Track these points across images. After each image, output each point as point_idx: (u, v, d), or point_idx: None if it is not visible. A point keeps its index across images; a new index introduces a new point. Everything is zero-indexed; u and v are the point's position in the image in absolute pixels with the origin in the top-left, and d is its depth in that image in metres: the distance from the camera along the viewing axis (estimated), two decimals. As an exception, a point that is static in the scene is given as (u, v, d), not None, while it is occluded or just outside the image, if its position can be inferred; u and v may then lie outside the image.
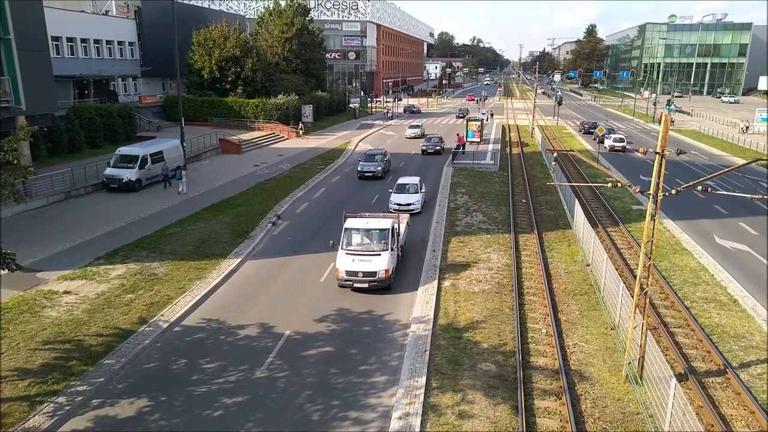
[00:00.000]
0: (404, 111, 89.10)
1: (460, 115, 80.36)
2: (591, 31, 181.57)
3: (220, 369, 14.71)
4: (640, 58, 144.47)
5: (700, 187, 13.50)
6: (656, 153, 12.68)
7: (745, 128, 66.05)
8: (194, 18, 62.15)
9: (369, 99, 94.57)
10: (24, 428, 11.97)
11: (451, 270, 21.53)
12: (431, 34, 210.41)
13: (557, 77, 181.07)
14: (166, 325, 16.75)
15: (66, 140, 40.25)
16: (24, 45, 30.74)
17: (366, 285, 19.14)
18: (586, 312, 18.09)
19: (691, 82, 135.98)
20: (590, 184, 31.97)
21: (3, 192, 14.28)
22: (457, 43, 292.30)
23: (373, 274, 19.01)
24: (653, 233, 13.46)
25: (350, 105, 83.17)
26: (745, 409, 13.12)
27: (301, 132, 58.18)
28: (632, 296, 14.35)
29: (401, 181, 31.33)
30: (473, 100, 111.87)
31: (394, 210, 27.95)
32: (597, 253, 20.61)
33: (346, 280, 19.28)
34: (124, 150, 34.68)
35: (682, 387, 12.48)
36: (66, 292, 18.79)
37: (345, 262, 19.37)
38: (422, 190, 30.88)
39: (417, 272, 21.38)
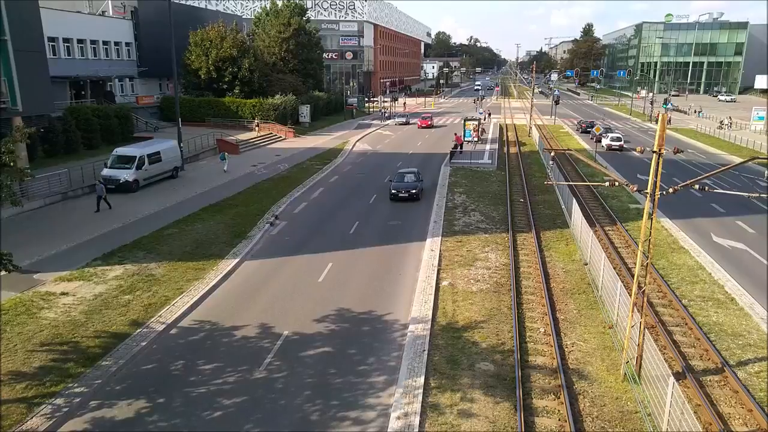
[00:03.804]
0: (393, 116, 74.50)
1: (402, 196, 31.88)
2: (588, 30, 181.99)
3: (218, 370, 14.68)
4: (637, 57, 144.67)
5: (697, 186, 13.54)
6: (653, 152, 12.69)
7: (720, 123, 68.67)
8: (191, 18, 62.00)
9: (366, 99, 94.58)
10: (21, 430, 11.93)
11: (449, 270, 21.54)
12: (428, 34, 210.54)
13: (554, 76, 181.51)
14: (163, 326, 16.71)
15: (63, 141, 40.14)
16: (20, 46, 30.68)
17: None
18: (584, 311, 18.11)
19: (688, 80, 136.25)
20: (588, 183, 32.01)
21: (0, 194, 14.23)
22: (455, 43, 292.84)
23: None
24: (651, 232, 13.48)
25: (348, 105, 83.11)
26: (742, 408, 13.15)
27: (256, 128, 56.84)
28: (630, 295, 14.37)
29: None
30: (429, 124, 68.23)
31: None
32: (595, 252, 20.63)
33: None
34: (121, 151, 34.62)
35: (680, 385, 12.50)
36: (63, 294, 18.74)
37: None
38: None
39: (415, 272, 21.39)
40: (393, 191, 32.21)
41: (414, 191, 31.99)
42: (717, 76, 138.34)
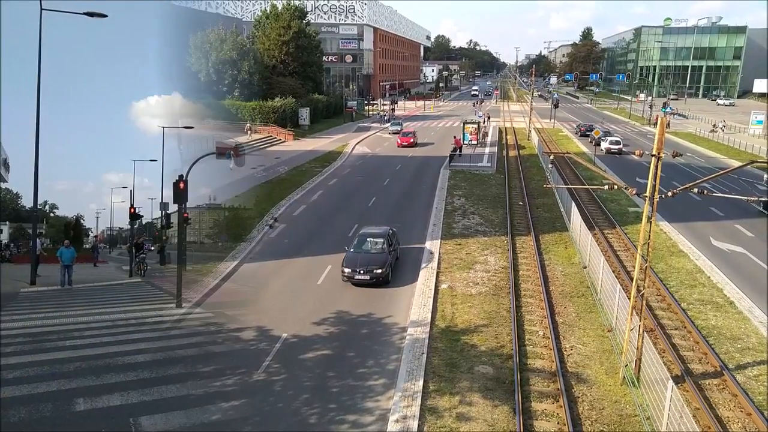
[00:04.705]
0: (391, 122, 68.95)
1: (359, 279, 19.96)
2: (587, 34, 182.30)
3: (216, 372, 14.64)
4: (636, 61, 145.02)
5: (696, 190, 13.55)
6: (652, 155, 12.71)
7: (714, 126, 69.07)
8: (191, 21, 62.13)
9: (366, 102, 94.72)
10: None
11: (448, 272, 21.53)
12: (428, 37, 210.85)
13: (553, 80, 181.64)
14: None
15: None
16: None
17: None
18: (583, 314, 18.10)
19: (687, 84, 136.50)
20: (587, 187, 32.05)
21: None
22: (454, 46, 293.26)
23: None
24: (650, 235, 13.48)
25: (347, 107, 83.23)
26: (741, 411, 13.12)
27: (248, 132, 56.47)
28: (629, 298, 14.37)
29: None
30: (412, 142, 53.89)
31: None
32: (594, 256, 20.63)
33: None
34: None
35: (678, 389, 12.49)
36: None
37: None
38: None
39: (414, 275, 21.37)
40: (346, 270, 19.88)
41: (379, 270, 19.64)
42: (716, 80, 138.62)
